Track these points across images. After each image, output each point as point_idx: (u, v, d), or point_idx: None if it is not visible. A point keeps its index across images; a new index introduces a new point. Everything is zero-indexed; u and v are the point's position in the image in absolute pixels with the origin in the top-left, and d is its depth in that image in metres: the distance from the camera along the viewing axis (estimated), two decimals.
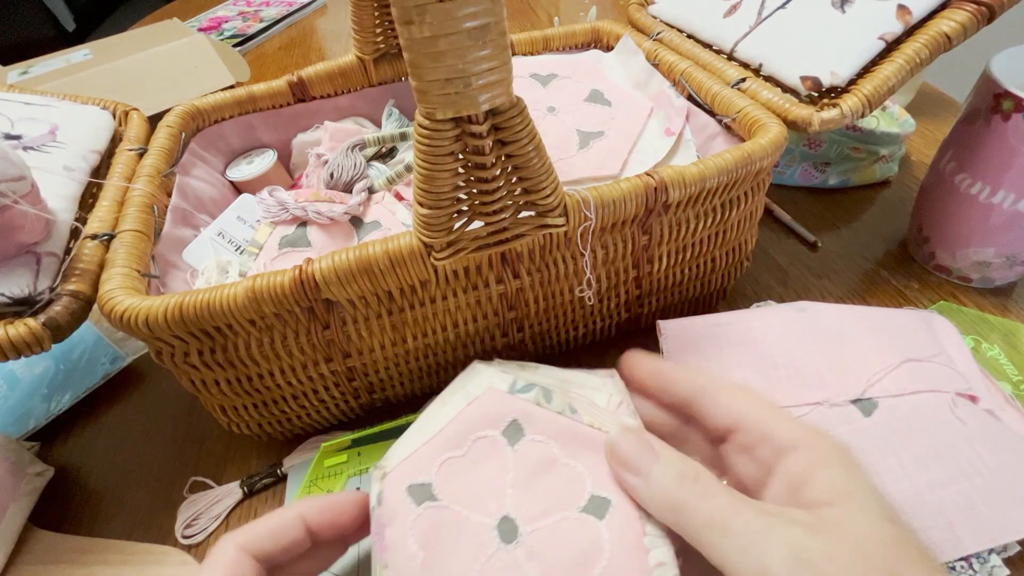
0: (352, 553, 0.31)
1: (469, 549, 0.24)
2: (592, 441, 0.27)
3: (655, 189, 0.31)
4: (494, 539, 0.24)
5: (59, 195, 0.34)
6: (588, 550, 0.24)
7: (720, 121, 0.39)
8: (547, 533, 0.24)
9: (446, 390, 0.30)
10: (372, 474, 0.27)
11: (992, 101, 0.36)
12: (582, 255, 0.34)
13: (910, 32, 0.34)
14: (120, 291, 0.29)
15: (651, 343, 0.41)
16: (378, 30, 0.46)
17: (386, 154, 0.46)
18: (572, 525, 0.24)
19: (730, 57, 0.41)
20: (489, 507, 0.25)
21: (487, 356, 0.37)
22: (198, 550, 0.34)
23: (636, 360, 0.29)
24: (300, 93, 0.47)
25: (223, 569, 0.22)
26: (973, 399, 0.32)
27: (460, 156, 0.26)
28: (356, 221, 0.39)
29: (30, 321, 0.28)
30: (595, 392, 0.30)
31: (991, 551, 0.27)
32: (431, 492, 0.26)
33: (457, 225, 0.29)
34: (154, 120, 0.43)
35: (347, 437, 0.37)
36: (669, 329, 0.38)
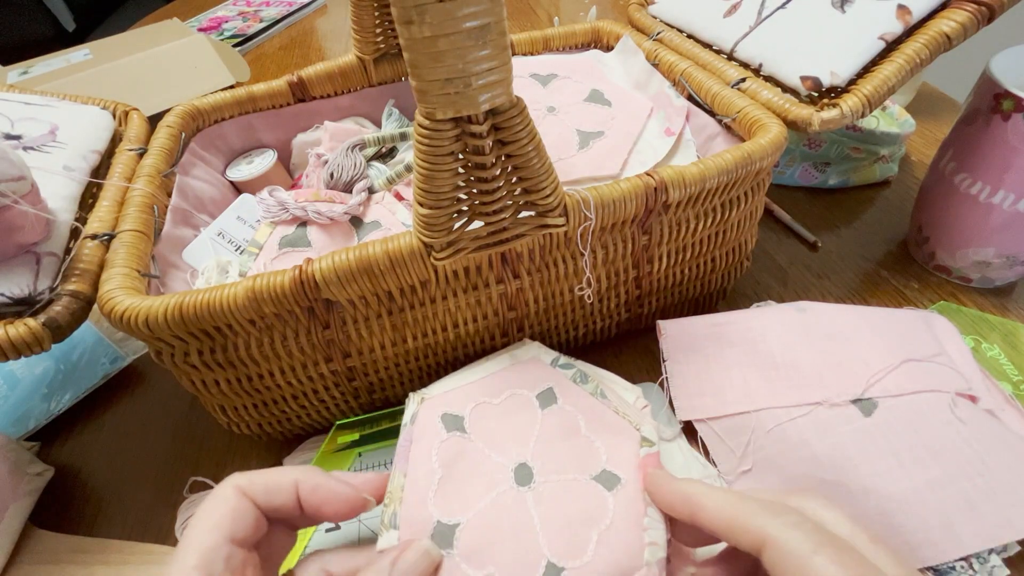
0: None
1: (484, 480, 0.27)
2: (614, 426, 0.29)
3: (655, 189, 0.31)
4: (508, 478, 0.27)
5: (59, 195, 0.34)
6: (592, 512, 0.26)
7: (720, 121, 0.39)
8: (559, 487, 0.27)
9: (493, 354, 0.34)
10: (411, 397, 0.31)
11: (992, 101, 0.36)
12: (582, 255, 0.34)
13: (910, 32, 0.34)
14: (120, 291, 0.29)
15: (651, 343, 0.41)
16: (378, 30, 0.46)
17: (386, 154, 0.46)
18: (583, 487, 0.27)
19: (730, 57, 0.41)
20: (510, 451, 0.28)
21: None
22: None
23: (658, 480, 0.25)
24: (300, 93, 0.47)
25: (227, 508, 0.22)
26: (973, 399, 0.32)
27: (460, 156, 0.26)
28: (356, 221, 0.39)
29: (30, 321, 0.28)
30: (624, 391, 0.33)
31: (991, 551, 0.27)
32: (462, 424, 0.29)
33: (457, 225, 0.29)
34: (154, 120, 0.43)
35: (351, 436, 0.37)
36: (669, 329, 0.38)
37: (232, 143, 0.47)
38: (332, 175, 0.42)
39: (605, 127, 0.40)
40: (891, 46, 0.34)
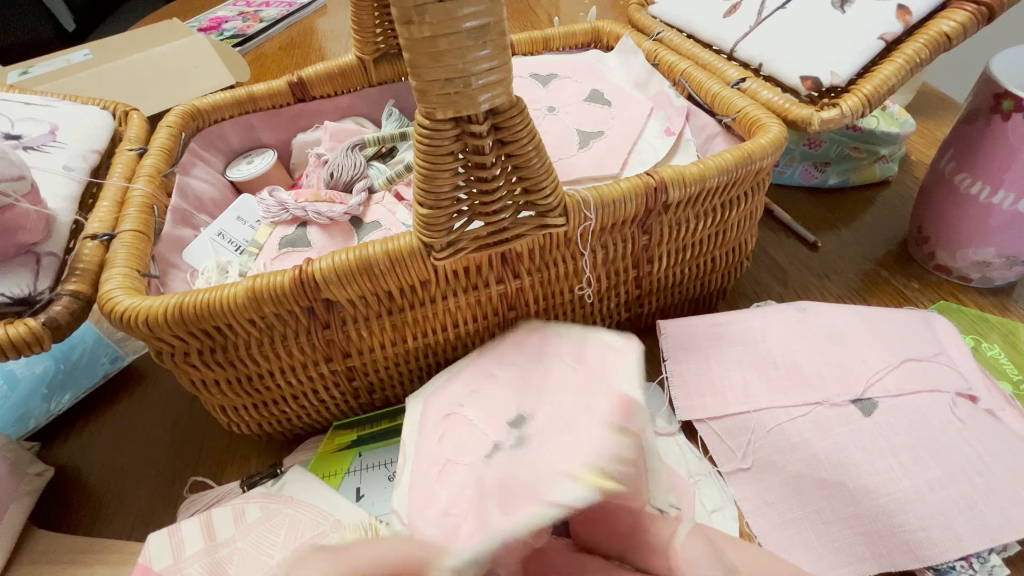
0: None
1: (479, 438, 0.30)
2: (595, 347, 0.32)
3: (655, 189, 0.31)
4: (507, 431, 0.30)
5: (59, 195, 0.34)
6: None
7: (720, 121, 0.39)
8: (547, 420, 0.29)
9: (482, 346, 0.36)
10: (411, 401, 0.34)
11: (992, 101, 0.36)
12: (582, 255, 0.34)
13: (910, 32, 0.34)
14: (120, 291, 0.29)
15: (651, 343, 0.41)
16: (378, 30, 0.46)
17: (386, 154, 0.46)
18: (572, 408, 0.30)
19: (730, 57, 0.41)
20: (511, 405, 0.31)
21: None
22: None
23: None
24: (300, 93, 0.47)
25: None
26: (973, 399, 0.32)
27: (460, 156, 0.26)
28: (356, 221, 0.39)
29: (30, 321, 0.28)
30: (609, 336, 0.33)
31: (991, 551, 0.27)
32: (458, 407, 0.32)
33: (457, 225, 0.29)
34: (154, 120, 0.43)
35: (350, 436, 0.37)
36: (669, 329, 0.38)
37: (232, 143, 0.47)
38: (332, 175, 0.42)
39: (605, 127, 0.40)
40: (891, 46, 0.34)
